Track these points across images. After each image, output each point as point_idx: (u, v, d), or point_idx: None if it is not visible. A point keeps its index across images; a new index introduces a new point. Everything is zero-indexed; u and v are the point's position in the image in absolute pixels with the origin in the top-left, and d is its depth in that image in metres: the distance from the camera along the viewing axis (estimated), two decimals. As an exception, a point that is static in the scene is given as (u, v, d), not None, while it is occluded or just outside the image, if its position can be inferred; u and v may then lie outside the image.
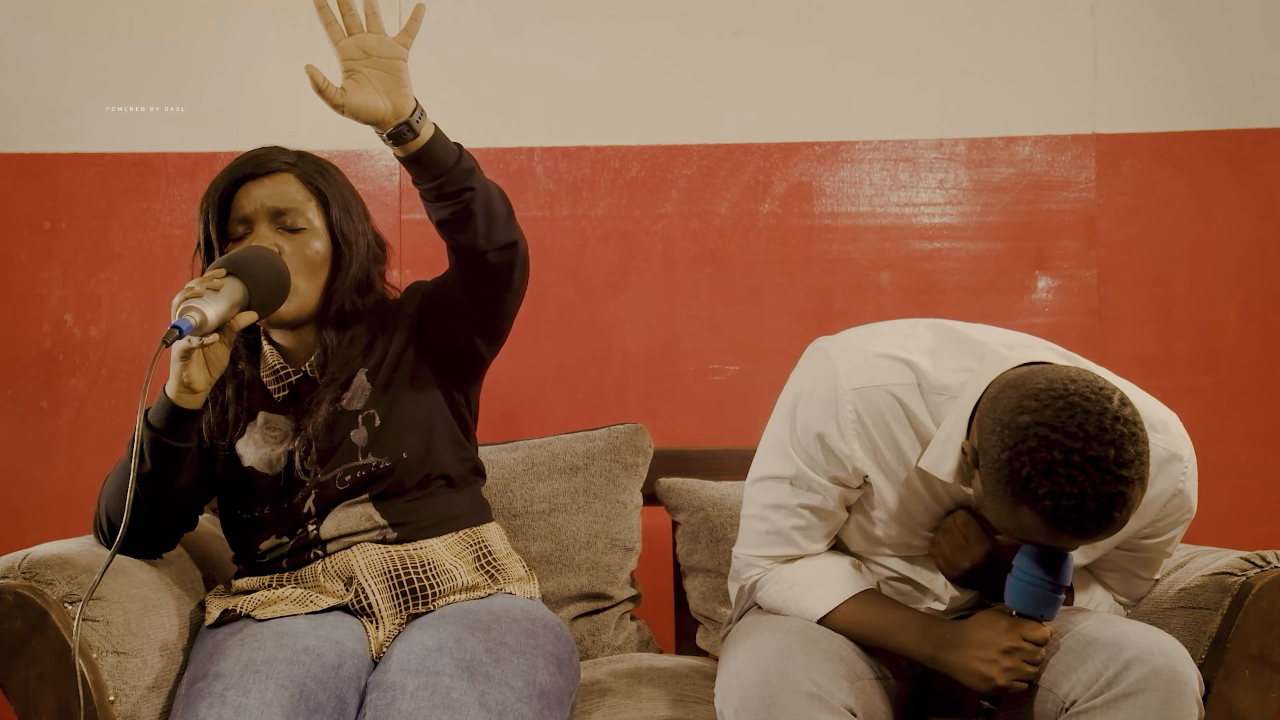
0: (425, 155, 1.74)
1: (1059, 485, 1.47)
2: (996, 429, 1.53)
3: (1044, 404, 1.50)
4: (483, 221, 1.80)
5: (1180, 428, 1.75)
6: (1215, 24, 2.72)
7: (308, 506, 1.90)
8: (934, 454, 1.68)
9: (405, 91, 1.70)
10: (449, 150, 1.76)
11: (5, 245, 2.72)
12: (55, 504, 2.68)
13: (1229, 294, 2.71)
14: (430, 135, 1.73)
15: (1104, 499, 1.48)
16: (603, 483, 2.31)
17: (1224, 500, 2.60)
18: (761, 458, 1.85)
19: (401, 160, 1.76)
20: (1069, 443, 1.47)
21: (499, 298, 1.90)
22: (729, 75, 2.73)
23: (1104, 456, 1.47)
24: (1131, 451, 1.48)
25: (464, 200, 1.77)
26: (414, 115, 1.71)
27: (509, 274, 1.87)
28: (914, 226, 2.73)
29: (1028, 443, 1.49)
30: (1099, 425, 1.48)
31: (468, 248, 1.82)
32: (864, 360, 1.74)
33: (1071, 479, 1.47)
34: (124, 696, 1.72)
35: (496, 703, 1.64)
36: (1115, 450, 1.47)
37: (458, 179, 1.76)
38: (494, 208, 1.81)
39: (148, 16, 2.74)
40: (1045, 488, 1.48)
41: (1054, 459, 1.47)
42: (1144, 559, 1.83)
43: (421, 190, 1.79)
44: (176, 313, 1.68)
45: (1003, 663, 1.64)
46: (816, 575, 1.81)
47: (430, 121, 1.74)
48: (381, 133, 1.72)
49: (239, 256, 1.77)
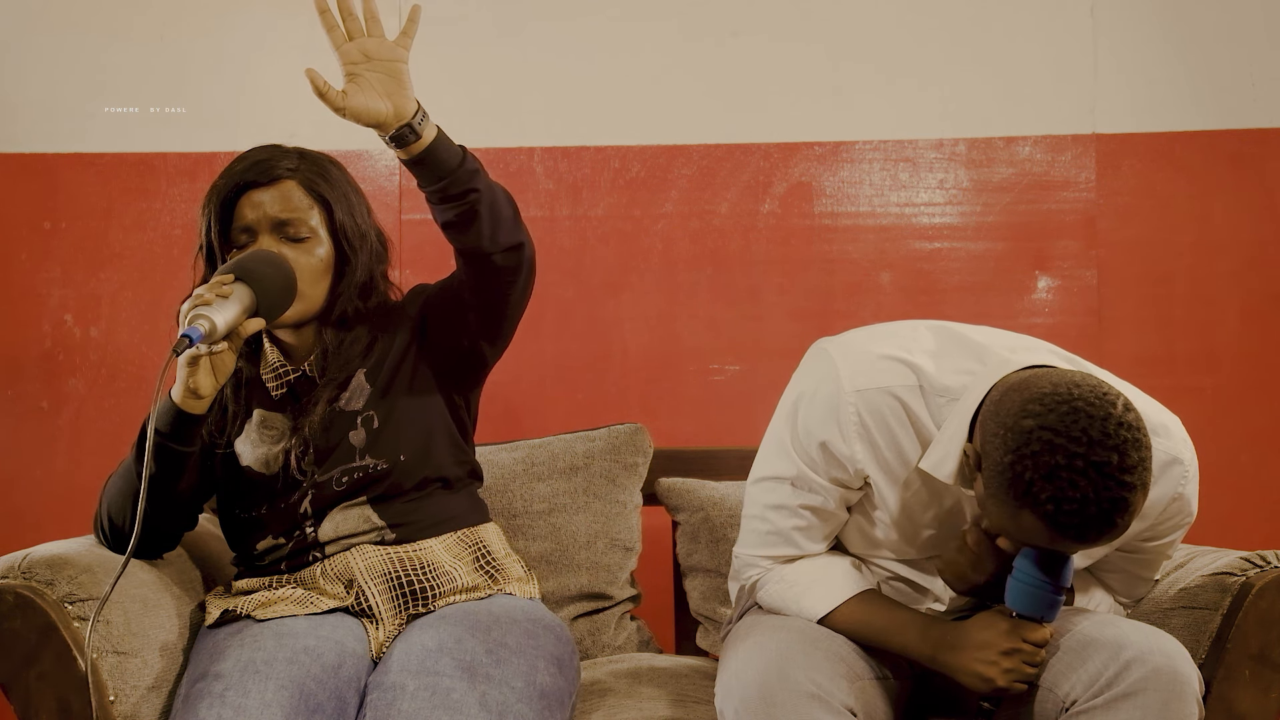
0: (428, 157, 1.74)
1: (1061, 490, 1.47)
2: (1000, 432, 1.53)
3: (1048, 408, 1.50)
4: (488, 224, 1.80)
5: (1182, 431, 1.74)
6: (1215, 24, 2.72)
7: (304, 507, 1.90)
8: (935, 455, 1.68)
9: (406, 94, 1.70)
10: (452, 152, 1.76)
11: (5, 245, 2.72)
12: (55, 504, 2.68)
13: (1229, 294, 2.71)
14: (433, 137, 1.73)
15: (1106, 504, 1.47)
16: (603, 483, 2.31)
17: (1224, 500, 2.59)
18: (763, 458, 1.85)
19: (405, 163, 1.76)
20: (1073, 448, 1.47)
21: (505, 300, 1.90)
22: (729, 75, 2.73)
23: (1108, 462, 1.47)
24: (1135, 457, 1.48)
25: (469, 202, 1.77)
26: (416, 117, 1.71)
27: (515, 276, 1.87)
28: (914, 226, 2.73)
29: (1031, 446, 1.49)
30: (1103, 430, 1.48)
31: (473, 250, 1.82)
32: (866, 361, 1.74)
33: (1074, 484, 1.47)
34: (124, 696, 1.72)
35: (497, 703, 1.64)
36: (1119, 456, 1.47)
37: (462, 180, 1.76)
38: (499, 210, 1.81)
39: (148, 16, 2.74)
40: (1048, 492, 1.48)
41: (1057, 463, 1.47)
42: (1144, 560, 1.83)
43: (426, 193, 1.79)
44: (186, 320, 1.68)
45: (1003, 664, 1.64)
46: (817, 575, 1.81)
47: (433, 123, 1.74)
48: (384, 135, 1.72)
49: (246, 262, 1.78)
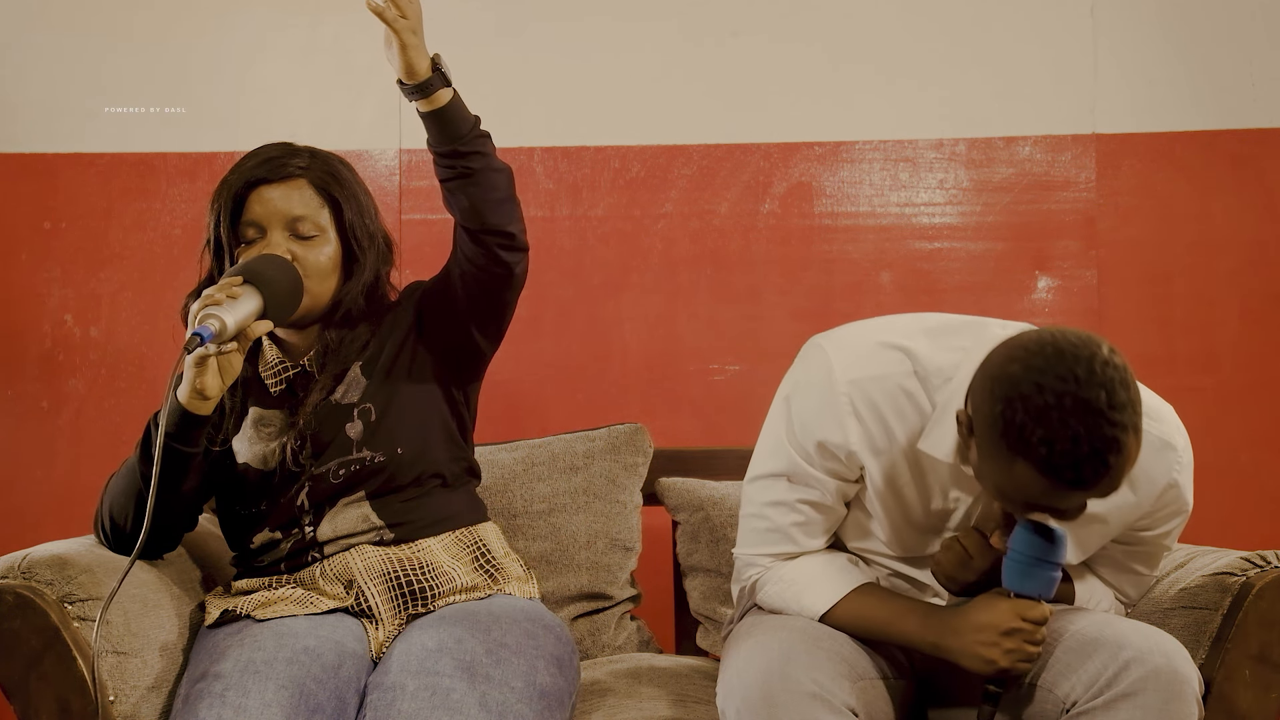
0: (449, 109, 1.84)
1: (1052, 430, 1.46)
2: (988, 384, 1.53)
3: (1033, 352, 1.50)
4: (484, 188, 1.87)
5: (1175, 418, 1.75)
6: (1215, 24, 2.72)
7: (301, 499, 1.90)
8: (933, 434, 1.68)
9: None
10: (467, 116, 1.87)
11: (5, 245, 2.72)
12: (55, 504, 2.68)
13: (1229, 294, 2.71)
14: (452, 95, 1.84)
15: (1099, 442, 1.46)
16: (603, 483, 2.31)
17: (1224, 500, 2.60)
18: (758, 456, 1.85)
19: (424, 115, 1.84)
20: (1061, 386, 1.46)
21: (497, 285, 1.93)
22: (729, 75, 2.73)
23: (1095, 398, 1.46)
24: (1123, 395, 1.48)
25: (473, 166, 1.86)
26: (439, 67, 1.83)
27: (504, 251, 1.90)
28: (914, 226, 2.73)
29: (1019, 389, 1.48)
30: (1089, 369, 1.47)
31: (467, 211, 1.89)
32: (859, 351, 1.75)
33: (1065, 423, 1.46)
34: (124, 696, 1.72)
35: (497, 703, 1.64)
36: (1107, 393, 1.46)
37: (470, 141, 1.86)
38: (495, 180, 1.89)
39: (148, 17, 2.74)
40: (1039, 434, 1.47)
41: (1046, 403, 1.46)
42: (1142, 553, 1.83)
43: (438, 152, 1.88)
44: (196, 320, 1.69)
45: (1004, 644, 1.64)
46: (816, 572, 1.81)
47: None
48: (412, 83, 1.80)
49: (255, 265, 1.79)
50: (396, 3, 1.76)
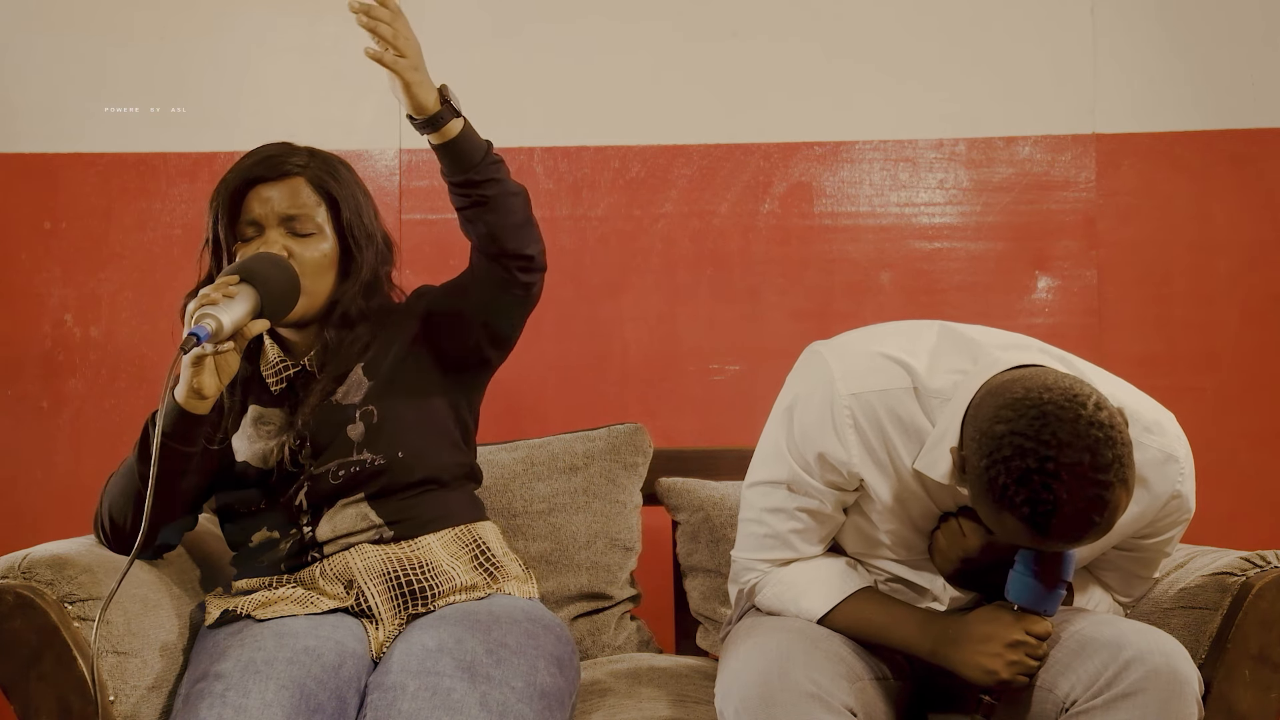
0: (461, 139, 1.82)
1: (1035, 493, 1.48)
2: (976, 437, 1.55)
3: (1018, 414, 1.51)
4: (502, 214, 1.86)
5: (1176, 428, 1.74)
6: (1215, 24, 2.72)
7: (300, 499, 1.90)
8: (928, 456, 1.69)
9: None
10: (478, 143, 1.86)
11: (5, 245, 2.72)
12: (55, 504, 2.68)
13: (1229, 294, 2.71)
14: (463, 125, 1.83)
15: (1082, 504, 1.48)
16: (602, 483, 2.31)
17: (1224, 500, 2.60)
18: (758, 462, 1.85)
19: (436, 147, 1.83)
20: (1043, 450, 1.48)
21: (513, 304, 1.93)
22: (728, 75, 2.73)
23: (1079, 462, 1.48)
24: (1109, 456, 1.49)
25: (485, 194, 1.85)
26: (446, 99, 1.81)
27: (523, 274, 1.90)
28: (914, 226, 2.73)
29: (1002, 452, 1.50)
30: (1073, 432, 1.48)
31: (485, 238, 1.88)
32: (861, 363, 1.75)
33: (1047, 486, 1.48)
34: (124, 696, 1.72)
35: (497, 703, 1.64)
36: (1090, 455, 1.48)
37: (485, 170, 1.85)
38: (512, 204, 1.87)
39: (148, 17, 2.74)
40: (1022, 495, 1.49)
41: (1029, 468, 1.49)
42: (1143, 559, 1.83)
43: (452, 182, 1.86)
44: (192, 320, 1.68)
45: (1007, 656, 1.65)
46: (815, 576, 1.81)
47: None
48: (422, 118, 1.79)
49: (251, 264, 1.79)
50: (394, 44, 1.75)
